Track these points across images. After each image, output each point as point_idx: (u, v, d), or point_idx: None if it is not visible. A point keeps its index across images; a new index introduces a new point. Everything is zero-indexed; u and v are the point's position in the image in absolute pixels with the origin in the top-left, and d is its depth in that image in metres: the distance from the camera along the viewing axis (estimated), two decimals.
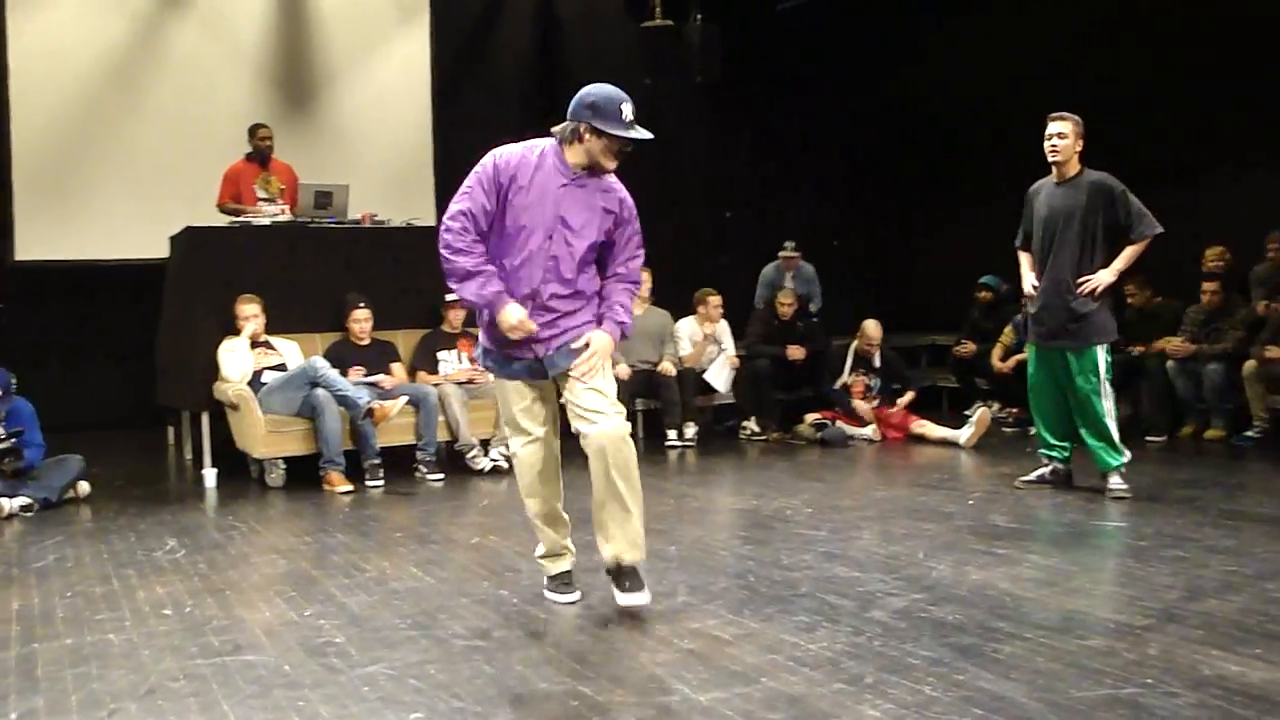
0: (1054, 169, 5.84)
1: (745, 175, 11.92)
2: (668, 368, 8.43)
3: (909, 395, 8.60)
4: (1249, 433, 7.53)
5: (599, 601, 4.07)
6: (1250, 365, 7.50)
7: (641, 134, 3.84)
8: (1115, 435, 5.80)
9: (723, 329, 8.93)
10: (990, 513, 5.55)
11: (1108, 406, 5.79)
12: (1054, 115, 5.80)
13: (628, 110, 3.82)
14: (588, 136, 3.82)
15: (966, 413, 8.98)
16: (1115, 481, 5.80)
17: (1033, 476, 6.19)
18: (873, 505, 5.90)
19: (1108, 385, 5.81)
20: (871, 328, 8.63)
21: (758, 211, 11.75)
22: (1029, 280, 6.00)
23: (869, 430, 8.30)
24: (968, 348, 9.51)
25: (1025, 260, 6.07)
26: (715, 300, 8.85)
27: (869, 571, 4.40)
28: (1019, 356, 8.91)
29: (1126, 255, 5.73)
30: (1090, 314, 5.73)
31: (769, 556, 4.64)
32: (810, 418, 8.42)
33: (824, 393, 8.78)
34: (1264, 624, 3.65)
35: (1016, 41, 10.33)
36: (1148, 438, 7.73)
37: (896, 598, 4.02)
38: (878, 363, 8.64)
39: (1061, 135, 5.73)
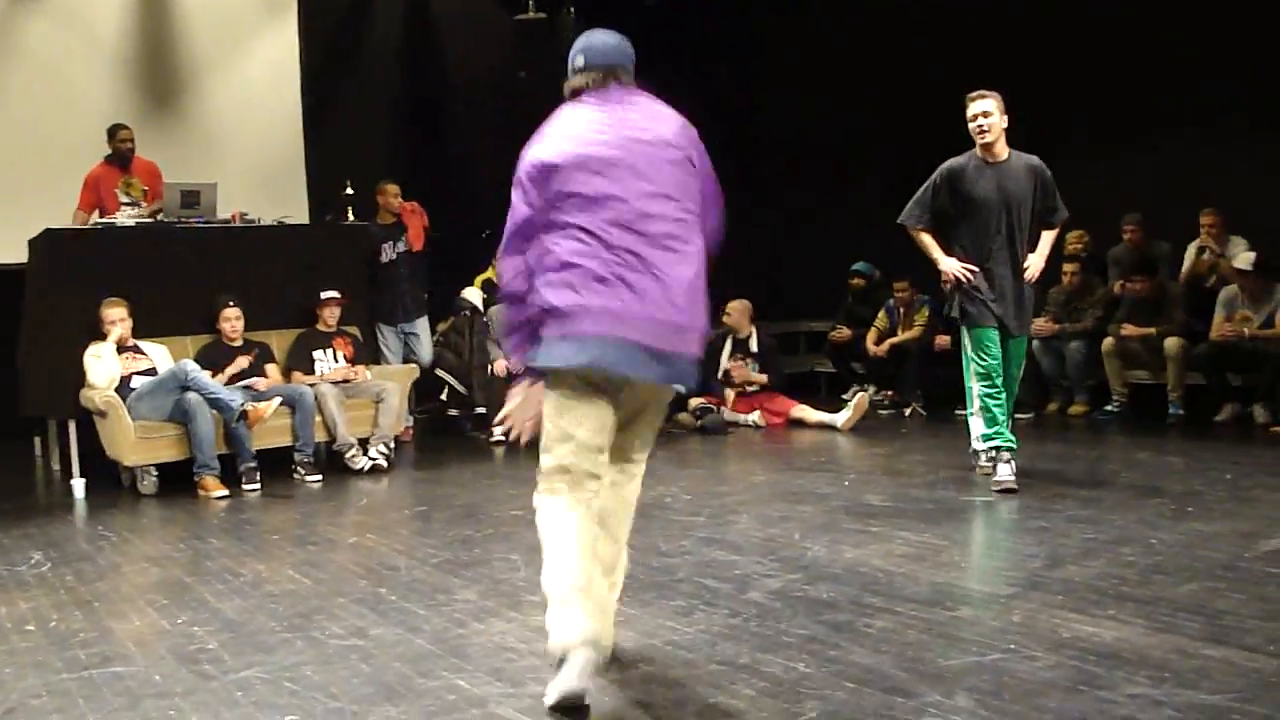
0: (983, 149, 5.57)
1: None
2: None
3: (763, 379, 8.65)
4: (1109, 407, 7.85)
5: (477, 596, 4.06)
6: (1108, 343, 7.81)
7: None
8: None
9: None
10: (865, 493, 5.68)
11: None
12: (975, 94, 5.56)
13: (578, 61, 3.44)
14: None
15: (844, 396, 9.19)
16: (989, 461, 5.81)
17: (1006, 478, 5.54)
18: (750, 490, 5.99)
19: None
20: (734, 305, 8.69)
21: None
22: (950, 262, 5.63)
23: (754, 416, 8.40)
24: (843, 333, 9.71)
25: (930, 240, 5.73)
26: None
27: (746, 554, 4.47)
28: (893, 340, 9.16)
29: (1051, 240, 5.70)
30: (1030, 299, 5.76)
31: (648, 544, 4.68)
32: (693, 403, 8.49)
33: (707, 386, 8.88)
34: (1117, 586, 3.82)
35: (880, 29, 10.55)
36: (1016, 415, 7.97)
37: (772, 579, 4.09)
38: (754, 346, 8.72)
39: (987, 114, 5.48)
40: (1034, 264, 5.62)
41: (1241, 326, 7.27)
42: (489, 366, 8.43)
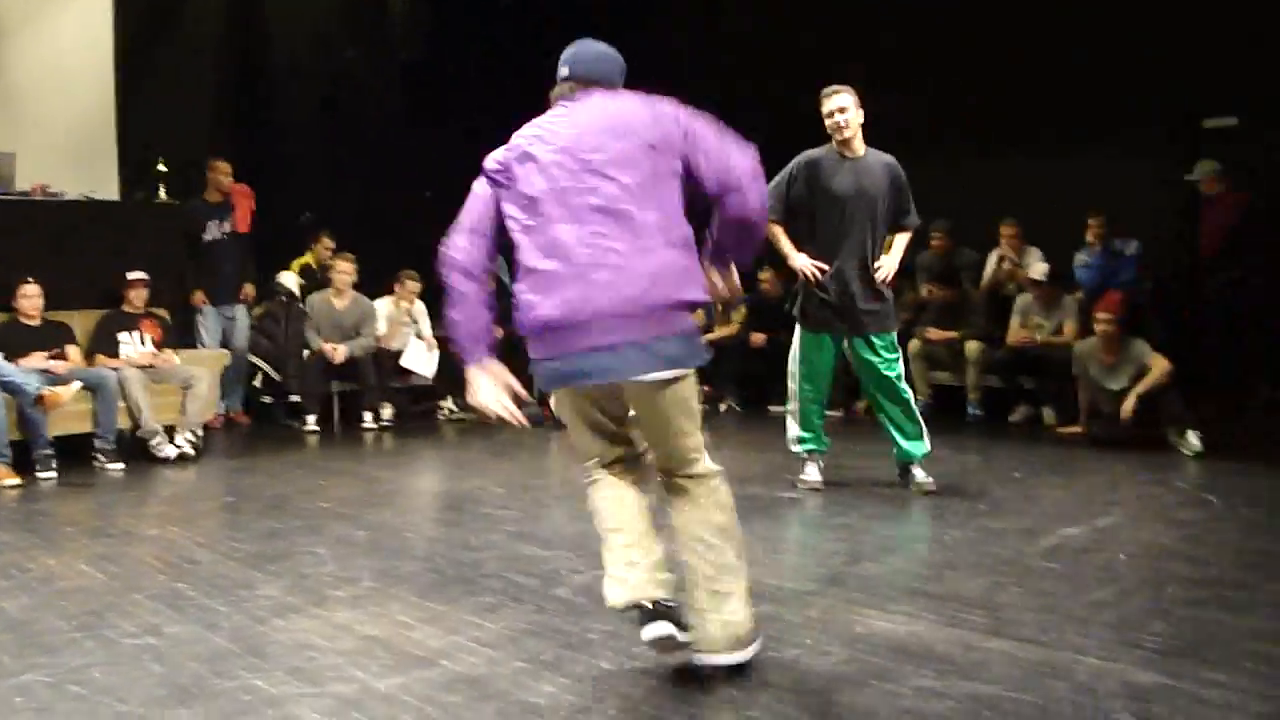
0: (840, 145, 5.38)
1: (448, 155, 11.78)
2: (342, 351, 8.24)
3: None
4: None
5: (280, 591, 3.98)
6: (914, 345, 8.14)
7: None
8: (919, 419, 5.60)
9: (419, 310, 8.84)
10: None
11: (908, 390, 5.63)
12: (830, 89, 5.36)
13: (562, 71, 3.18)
14: None
15: None
16: (922, 474, 5.57)
17: (816, 476, 5.68)
18: (564, 484, 6.02)
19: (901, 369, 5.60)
20: None
21: (461, 192, 11.64)
22: (802, 258, 5.44)
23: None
24: None
25: (781, 233, 5.48)
26: (413, 282, 8.76)
27: (555, 549, 4.50)
28: (709, 336, 9.29)
29: (902, 244, 5.53)
30: (889, 300, 5.51)
31: (458, 538, 4.67)
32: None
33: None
34: (910, 582, 4.00)
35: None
36: (827, 412, 8.23)
37: (580, 575, 4.13)
38: None
39: (843, 109, 5.29)
40: (887, 265, 5.43)
41: (1034, 333, 7.70)
42: (303, 353, 8.26)
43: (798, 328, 5.68)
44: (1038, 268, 7.82)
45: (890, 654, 3.26)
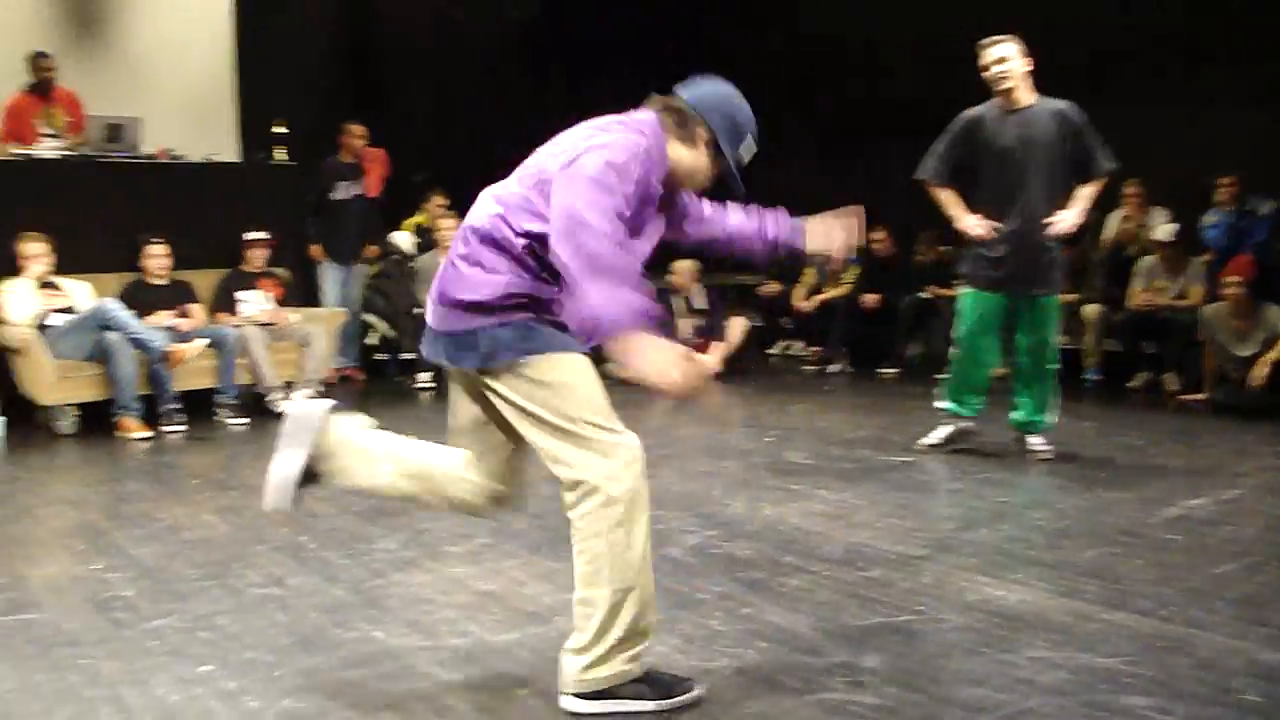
0: (1003, 97, 5.17)
1: (559, 114, 11.81)
2: None
3: (736, 323, 8.71)
4: None
5: (397, 546, 4.07)
6: None
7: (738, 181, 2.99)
8: (1055, 393, 5.50)
9: None
10: (787, 449, 5.76)
11: (1058, 360, 5.48)
12: (988, 41, 5.15)
13: (750, 144, 2.98)
14: (704, 149, 2.88)
15: (770, 351, 9.31)
16: (1041, 441, 5.47)
17: (938, 438, 5.61)
18: (673, 444, 6.03)
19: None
20: (679, 265, 8.72)
21: None
22: (971, 219, 5.30)
23: None
24: (772, 288, 9.78)
25: (949, 198, 5.36)
26: None
27: (666, 509, 4.51)
28: (821, 296, 9.25)
29: (1088, 193, 5.22)
30: (1059, 257, 5.31)
31: None
32: None
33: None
34: (1025, 550, 3.94)
35: None
36: (936, 375, 8.12)
37: (691, 535, 4.15)
38: (700, 303, 8.75)
39: (1003, 59, 5.09)
40: (1063, 220, 5.14)
41: (1157, 296, 7.46)
42: (414, 310, 8.38)
43: (964, 287, 5.51)
44: (1164, 229, 7.55)
45: (1003, 622, 3.22)
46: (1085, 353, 7.76)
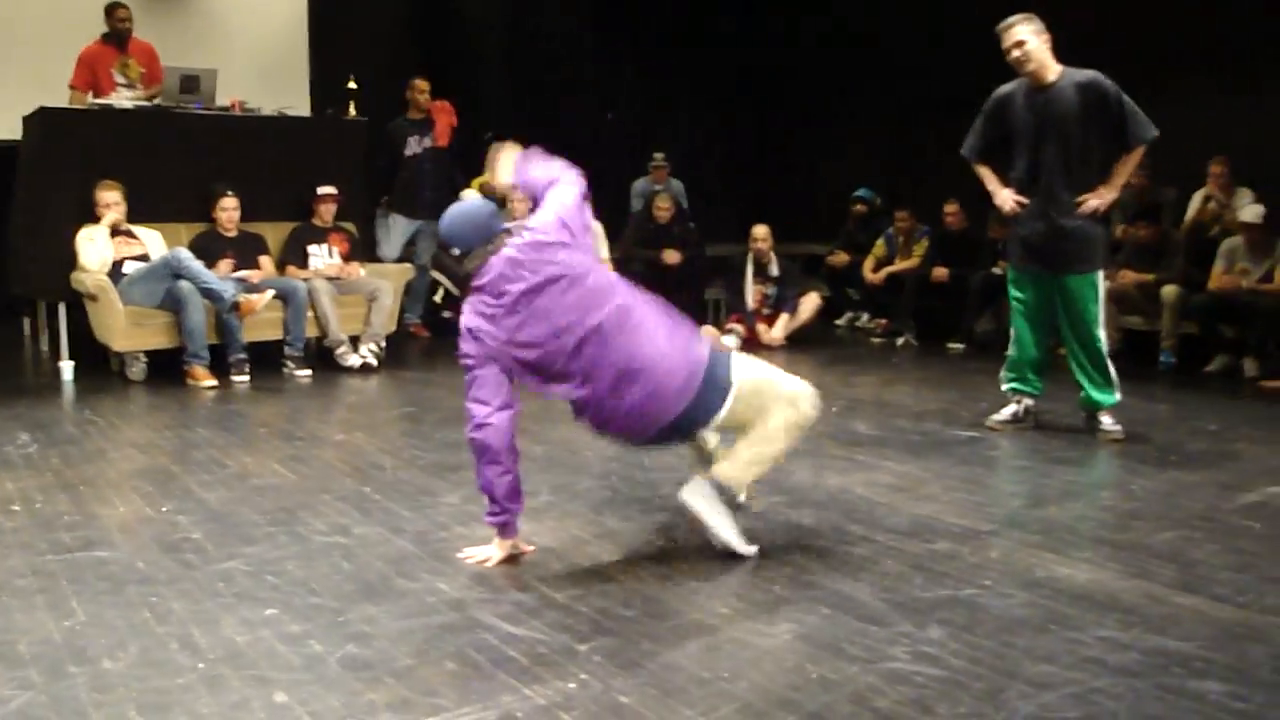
0: (1028, 77, 5.16)
1: (630, 75, 11.76)
2: None
3: (811, 299, 8.68)
4: None
5: (460, 500, 4.08)
6: (1105, 286, 7.77)
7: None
8: (1112, 370, 5.37)
9: (595, 228, 8.85)
10: (853, 420, 5.70)
11: (1104, 336, 5.34)
12: (1003, 25, 5.12)
13: None
14: None
15: (837, 322, 9.22)
16: (1108, 421, 5.35)
17: (1006, 415, 5.57)
18: None
19: (1104, 313, 5.33)
20: (758, 230, 8.66)
21: (637, 116, 11.62)
22: (1007, 196, 5.33)
23: (729, 340, 8.35)
24: (841, 258, 9.68)
25: (987, 174, 5.42)
26: None
27: None
28: (889, 269, 9.14)
29: (1124, 166, 5.13)
30: (1093, 234, 5.19)
31: (633, 459, 4.69)
32: (727, 326, 8.47)
33: (701, 298, 8.91)
34: (1094, 529, 3.86)
35: None
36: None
37: (754, 500, 4.12)
38: (774, 270, 8.69)
39: (1021, 43, 5.06)
40: (1098, 196, 5.11)
41: (1240, 279, 7.26)
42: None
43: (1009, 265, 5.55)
44: (1249, 209, 7.33)
45: (1071, 600, 3.15)
46: (1162, 335, 7.57)
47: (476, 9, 10.85)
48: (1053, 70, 5.13)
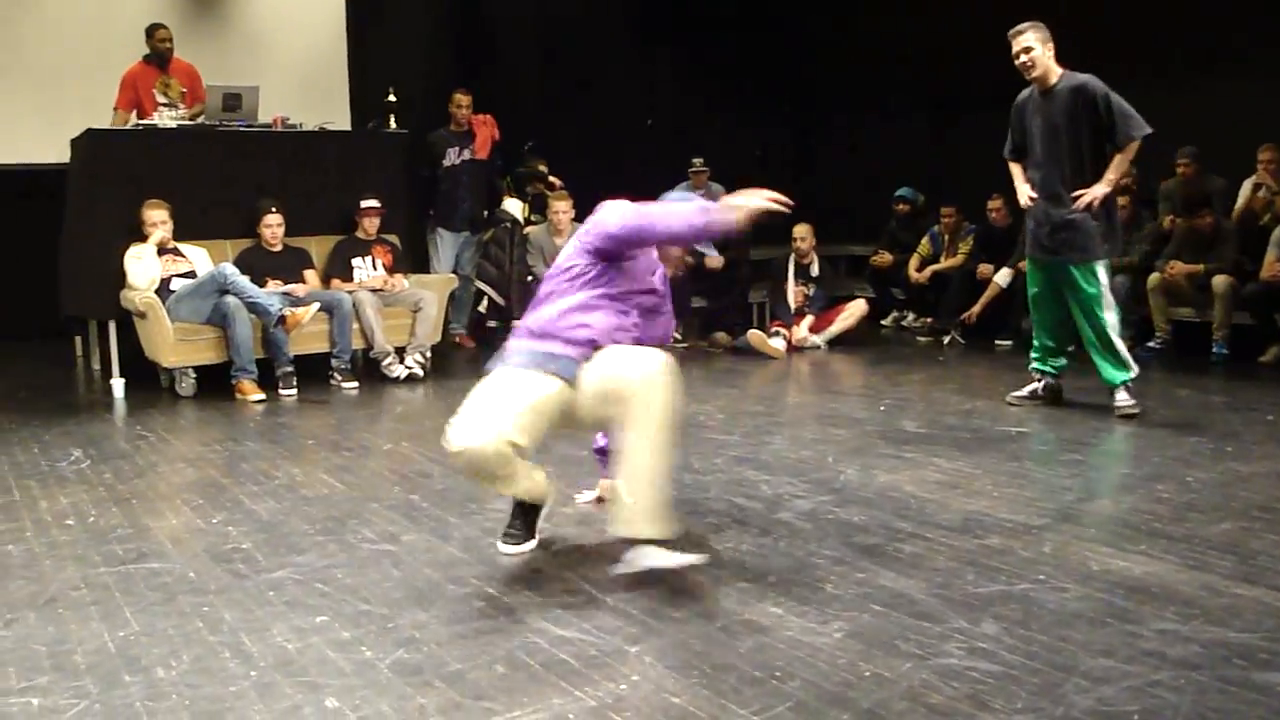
0: (1034, 82, 5.59)
1: (667, 86, 11.76)
2: None
3: (858, 306, 8.64)
4: (1151, 343, 7.72)
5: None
6: (1154, 278, 7.67)
7: None
8: (1121, 348, 5.60)
9: None
10: (900, 418, 5.65)
11: (1111, 319, 5.57)
12: (1014, 31, 5.52)
13: None
14: None
15: (883, 323, 9.14)
16: (1121, 397, 5.60)
17: (1024, 392, 5.97)
18: (785, 411, 5.98)
19: (1110, 297, 5.59)
20: (799, 230, 8.62)
21: (681, 120, 11.60)
22: (1024, 191, 5.80)
23: (776, 342, 8.30)
24: (885, 258, 9.61)
25: (1016, 171, 5.87)
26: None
27: (778, 475, 4.47)
28: (934, 267, 9.07)
29: (1116, 163, 5.49)
30: (1088, 226, 5.50)
31: (680, 460, 4.66)
32: (772, 330, 8.43)
33: (745, 302, 8.89)
34: (1150, 522, 3.79)
35: None
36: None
37: (804, 500, 4.09)
38: (815, 271, 8.67)
39: (1028, 50, 5.46)
40: (1092, 189, 5.48)
41: None
42: (527, 279, 8.43)
43: None
44: None
45: (1128, 594, 3.10)
46: (1214, 326, 7.45)
47: (513, 19, 10.89)
48: (1054, 75, 5.53)
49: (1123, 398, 5.60)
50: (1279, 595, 3.07)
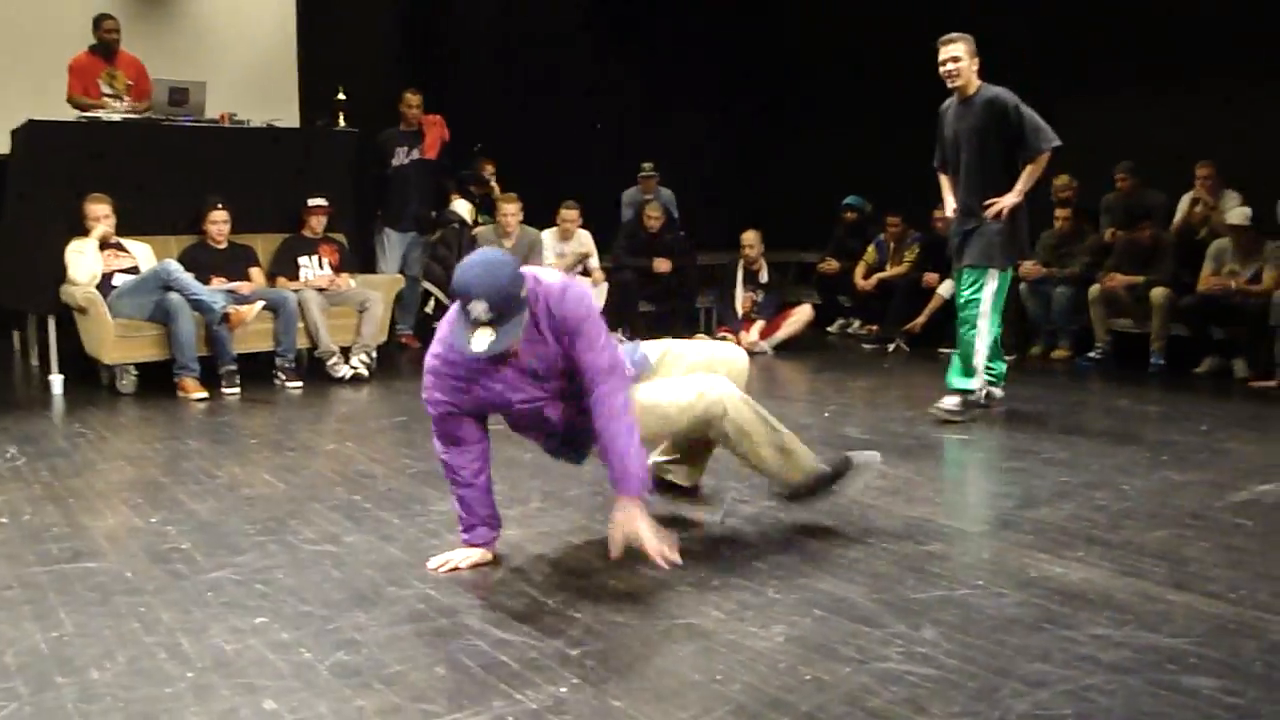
0: (956, 91, 5.72)
1: (617, 89, 11.75)
2: None
3: (804, 311, 8.71)
4: (1091, 354, 7.86)
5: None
6: (1095, 289, 7.80)
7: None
8: (978, 361, 5.69)
9: (585, 237, 8.83)
10: (844, 425, 5.70)
11: (983, 328, 5.67)
12: (943, 39, 5.63)
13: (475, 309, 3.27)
14: None
15: (829, 330, 9.20)
16: (950, 401, 5.73)
17: (942, 404, 5.85)
18: None
19: (990, 308, 5.66)
20: (748, 237, 8.68)
21: (628, 126, 11.61)
22: (949, 204, 5.92)
23: (766, 344, 8.35)
24: (831, 265, 9.69)
25: (945, 184, 5.97)
26: (569, 211, 8.75)
27: (723, 480, 4.47)
28: (880, 275, 9.15)
29: (1026, 173, 5.60)
30: (991, 234, 5.62)
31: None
32: (719, 336, 8.46)
33: (692, 307, 8.91)
34: (1087, 529, 3.85)
35: None
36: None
37: (747, 505, 4.11)
38: (764, 278, 8.72)
39: (955, 59, 5.58)
40: (1002, 200, 5.59)
41: (1229, 280, 7.27)
42: None
43: None
44: (1237, 211, 7.35)
45: (1065, 599, 3.14)
46: (1152, 337, 7.59)
47: (467, 20, 10.84)
48: (974, 86, 5.64)
49: (951, 402, 5.72)
50: (1210, 601, 3.13)
